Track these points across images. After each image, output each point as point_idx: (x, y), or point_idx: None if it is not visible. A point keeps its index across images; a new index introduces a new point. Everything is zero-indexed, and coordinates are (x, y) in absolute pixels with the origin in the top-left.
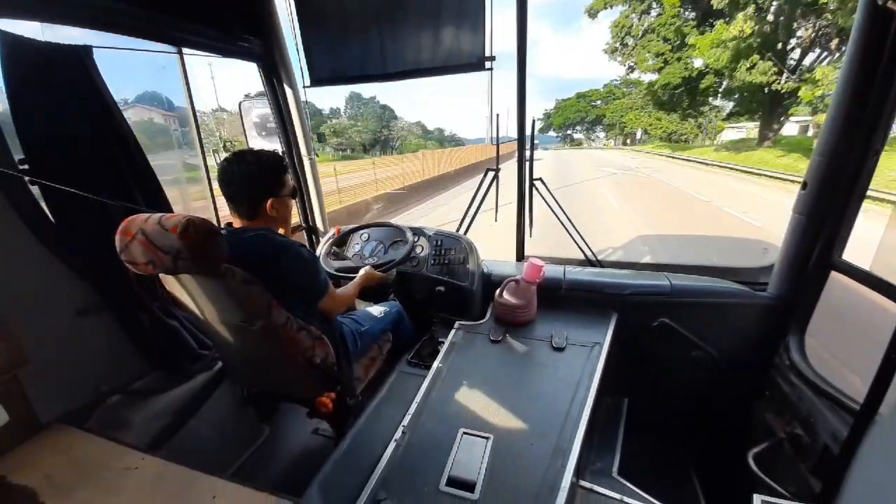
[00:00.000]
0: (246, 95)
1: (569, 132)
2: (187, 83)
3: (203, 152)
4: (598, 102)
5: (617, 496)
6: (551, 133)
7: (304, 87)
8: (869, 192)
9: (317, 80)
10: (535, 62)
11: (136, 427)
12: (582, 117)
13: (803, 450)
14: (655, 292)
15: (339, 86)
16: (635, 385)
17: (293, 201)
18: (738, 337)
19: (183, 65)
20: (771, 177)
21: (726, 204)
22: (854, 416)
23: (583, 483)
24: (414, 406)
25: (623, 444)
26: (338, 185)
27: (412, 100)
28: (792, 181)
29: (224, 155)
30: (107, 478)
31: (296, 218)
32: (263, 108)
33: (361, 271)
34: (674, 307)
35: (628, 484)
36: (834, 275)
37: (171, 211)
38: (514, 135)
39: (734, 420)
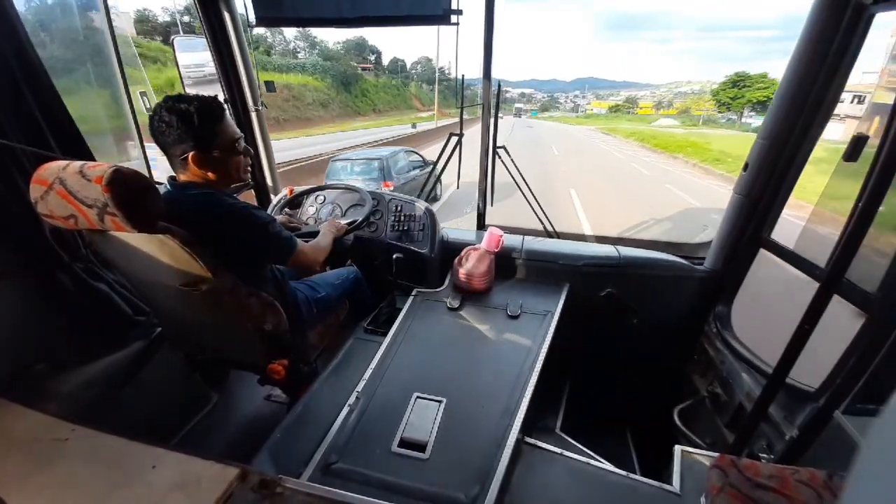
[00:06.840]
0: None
1: None
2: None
3: (127, 90)
4: None
5: (558, 450)
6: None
7: (248, 25)
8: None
9: (262, 19)
10: None
11: (64, 397)
12: None
13: (721, 406)
14: (605, 264)
15: (288, 27)
16: (581, 350)
17: (239, 158)
18: (675, 306)
19: None
20: None
21: None
22: (767, 378)
23: (528, 440)
24: (369, 372)
25: (567, 403)
26: None
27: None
28: None
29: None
30: (36, 450)
31: None
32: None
33: (323, 227)
34: (621, 278)
35: (569, 439)
36: (763, 252)
37: (92, 160)
38: (565, 79)
39: (666, 381)
